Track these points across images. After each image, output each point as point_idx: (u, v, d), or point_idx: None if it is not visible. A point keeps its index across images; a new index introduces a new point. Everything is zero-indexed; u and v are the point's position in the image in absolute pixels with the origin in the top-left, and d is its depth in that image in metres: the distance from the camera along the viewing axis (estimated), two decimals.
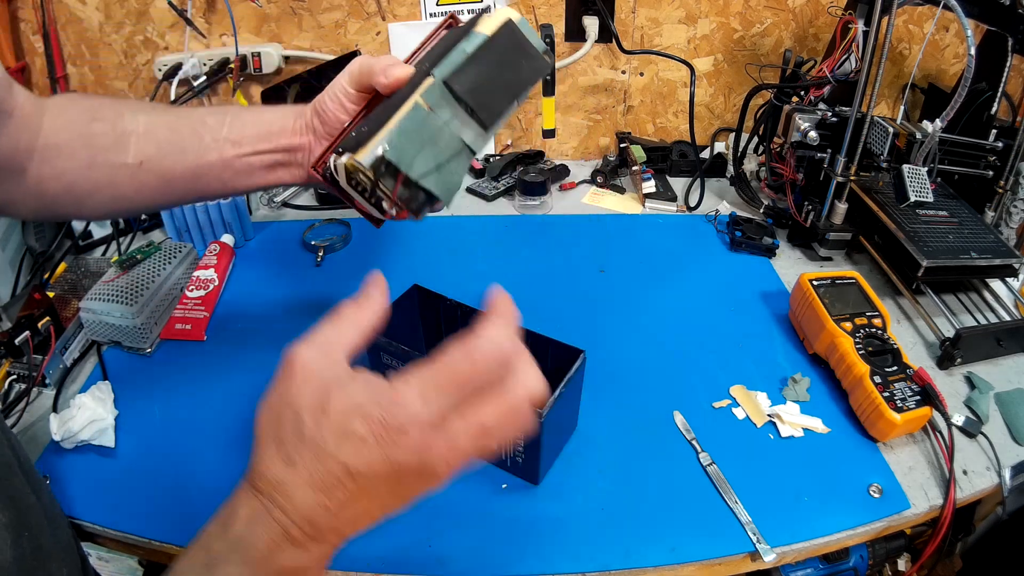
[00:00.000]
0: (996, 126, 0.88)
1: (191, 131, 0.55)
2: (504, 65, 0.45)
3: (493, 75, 0.45)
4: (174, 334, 0.80)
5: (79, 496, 0.61)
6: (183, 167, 0.55)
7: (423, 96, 0.42)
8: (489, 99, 0.44)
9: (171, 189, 0.56)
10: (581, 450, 0.66)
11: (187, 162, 0.55)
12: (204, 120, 0.56)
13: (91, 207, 0.55)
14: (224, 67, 1.10)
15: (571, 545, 0.58)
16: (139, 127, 0.54)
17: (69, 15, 1.08)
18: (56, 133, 0.52)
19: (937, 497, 0.62)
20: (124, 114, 0.54)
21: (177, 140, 0.55)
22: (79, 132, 0.53)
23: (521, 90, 0.47)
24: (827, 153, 0.91)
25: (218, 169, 0.56)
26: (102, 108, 0.54)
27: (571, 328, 0.68)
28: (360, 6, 1.09)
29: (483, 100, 0.44)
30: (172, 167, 0.55)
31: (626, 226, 1.03)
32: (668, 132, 1.23)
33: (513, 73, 0.46)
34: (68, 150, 0.52)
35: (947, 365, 0.76)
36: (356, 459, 0.32)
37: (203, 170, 0.55)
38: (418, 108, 0.42)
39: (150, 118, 0.55)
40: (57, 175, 0.52)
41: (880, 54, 0.81)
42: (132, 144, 0.53)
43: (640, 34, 1.12)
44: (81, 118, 0.53)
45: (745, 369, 0.76)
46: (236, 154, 0.55)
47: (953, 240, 0.83)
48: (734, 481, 0.63)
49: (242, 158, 0.56)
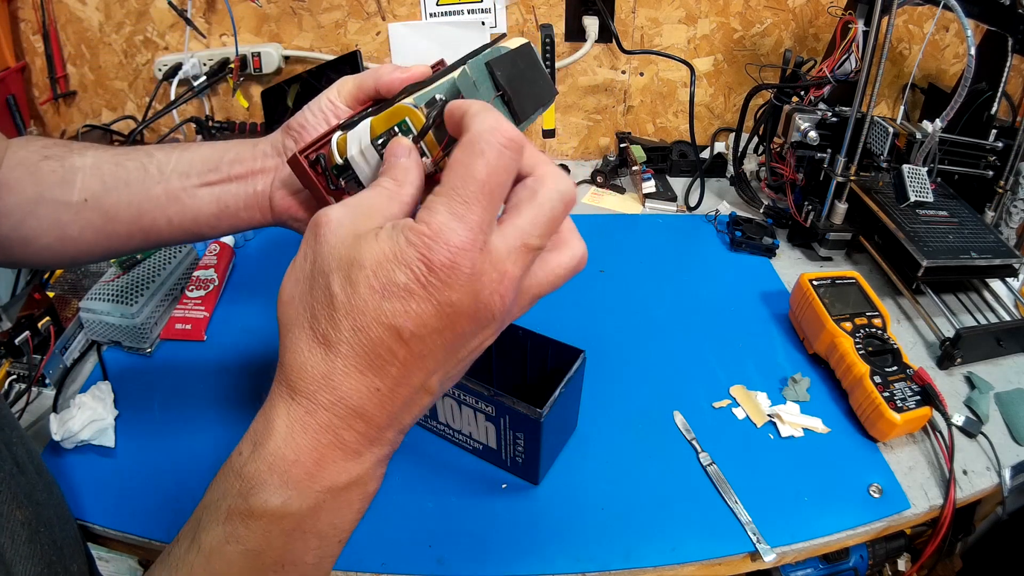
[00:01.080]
0: (996, 126, 0.88)
1: (137, 164, 0.51)
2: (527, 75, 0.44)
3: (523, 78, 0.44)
4: (174, 334, 0.80)
5: (79, 496, 0.61)
6: (127, 202, 0.50)
7: (470, 69, 0.40)
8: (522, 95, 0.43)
9: (114, 228, 0.51)
10: (581, 450, 0.66)
11: (131, 196, 0.50)
12: (152, 154, 0.52)
13: (37, 249, 0.52)
14: (224, 67, 1.10)
15: (571, 545, 0.58)
16: (86, 163, 0.51)
17: (69, 15, 1.08)
18: (10, 171, 0.50)
19: (937, 497, 0.62)
20: (73, 151, 0.52)
21: (122, 174, 0.51)
22: (29, 170, 0.50)
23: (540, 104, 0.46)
24: (827, 153, 0.91)
25: (163, 204, 0.50)
26: (54, 147, 0.52)
27: (571, 328, 0.68)
28: (360, 6, 1.09)
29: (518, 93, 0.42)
30: (115, 203, 0.50)
31: (626, 226, 1.03)
32: (668, 132, 1.22)
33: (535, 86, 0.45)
34: (18, 187, 0.50)
35: (947, 365, 0.76)
36: (405, 317, 0.27)
37: (148, 205, 0.50)
38: (465, 75, 0.39)
39: (98, 155, 0.52)
40: (6, 213, 0.50)
41: (880, 54, 0.81)
42: (78, 181, 0.50)
43: (640, 34, 1.12)
44: (32, 157, 0.51)
45: (745, 369, 0.76)
46: (183, 186, 0.50)
47: (953, 240, 0.83)
48: (734, 481, 0.63)
49: (190, 190, 0.50)
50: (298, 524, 0.29)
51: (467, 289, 0.28)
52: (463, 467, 0.65)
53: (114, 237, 0.52)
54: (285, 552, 0.29)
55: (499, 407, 0.59)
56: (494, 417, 0.60)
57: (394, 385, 0.29)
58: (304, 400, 0.29)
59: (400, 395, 0.29)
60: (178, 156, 0.51)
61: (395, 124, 0.37)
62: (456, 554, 0.57)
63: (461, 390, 0.60)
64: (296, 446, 0.28)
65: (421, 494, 0.62)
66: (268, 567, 0.30)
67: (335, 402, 0.28)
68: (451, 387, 0.34)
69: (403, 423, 0.31)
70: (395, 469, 0.64)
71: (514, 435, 0.60)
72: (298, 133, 0.49)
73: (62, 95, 1.14)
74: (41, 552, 0.43)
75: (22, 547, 0.41)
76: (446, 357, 0.30)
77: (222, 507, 0.30)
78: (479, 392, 0.59)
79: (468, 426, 0.63)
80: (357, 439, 0.29)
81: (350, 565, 0.55)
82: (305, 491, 0.29)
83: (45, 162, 0.51)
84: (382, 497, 0.61)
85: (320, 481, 0.29)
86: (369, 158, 0.39)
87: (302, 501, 0.29)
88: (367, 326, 0.28)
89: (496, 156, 0.29)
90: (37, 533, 0.43)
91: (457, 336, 0.29)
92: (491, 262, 0.28)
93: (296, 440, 0.28)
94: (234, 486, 0.29)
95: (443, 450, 0.66)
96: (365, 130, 0.39)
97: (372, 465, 0.30)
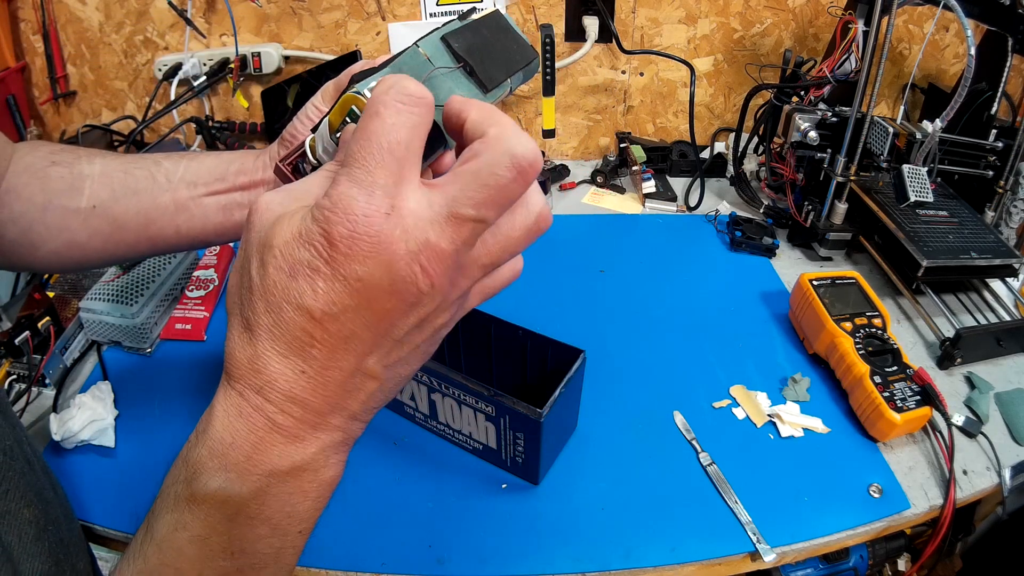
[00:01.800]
0: (996, 126, 0.88)
1: (146, 173, 0.52)
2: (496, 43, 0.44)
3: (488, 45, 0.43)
4: (174, 334, 0.80)
5: (79, 496, 0.61)
6: (135, 210, 0.52)
7: (421, 44, 0.39)
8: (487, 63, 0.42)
9: (122, 236, 0.52)
10: (581, 450, 0.66)
11: (140, 204, 0.52)
12: (160, 162, 0.53)
13: (44, 254, 0.53)
14: (224, 67, 1.10)
15: (571, 545, 0.58)
16: (95, 171, 0.52)
17: (69, 15, 1.08)
18: (17, 176, 0.51)
19: (937, 497, 0.62)
20: (81, 158, 0.52)
21: (131, 183, 0.52)
22: (37, 176, 0.51)
23: (514, 68, 0.45)
24: (827, 153, 0.91)
25: (171, 212, 0.52)
26: (62, 152, 0.53)
27: (571, 328, 0.68)
28: (360, 6, 1.09)
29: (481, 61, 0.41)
30: (124, 211, 0.52)
31: (626, 226, 1.03)
32: (668, 132, 1.23)
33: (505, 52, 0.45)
34: (26, 193, 0.50)
35: (947, 365, 0.76)
36: (313, 296, 0.26)
37: (155, 213, 0.52)
38: (415, 53, 0.38)
39: (106, 162, 0.53)
40: (14, 219, 0.50)
41: (880, 54, 0.81)
42: (87, 188, 0.51)
43: (640, 34, 1.12)
44: (40, 163, 0.52)
45: (745, 369, 0.76)
46: (190, 195, 0.52)
47: (953, 240, 0.83)
48: (734, 481, 0.63)
49: (197, 199, 0.52)
50: (240, 509, 0.29)
51: (375, 260, 0.26)
52: (463, 467, 0.65)
53: (121, 244, 0.53)
54: (231, 539, 0.29)
55: (499, 407, 0.59)
56: (494, 417, 0.60)
57: (321, 368, 0.28)
58: (237, 385, 0.28)
59: (332, 378, 0.28)
60: (186, 165, 0.52)
61: (346, 115, 0.36)
62: (456, 554, 0.57)
63: (461, 390, 0.60)
64: (233, 430, 0.28)
65: (421, 494, 0.62)
66: (216, 554, 0.29)
67: (263, 385, 0.28)
68: (412, 371, 0.32)
69: (350, 408, 0.29)
70: (395, 469, 0.64)
71: (514, 435, 0.60)
72: (289, 143, 0.51)
73: (62, 95, 1.14)
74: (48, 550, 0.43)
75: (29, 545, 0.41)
76: (376, 338, 0.28)
77: (170, 494, 0.30)
78: (479, 392, 0.59)
79: (468, 426, 0.63)
80: (294, 424, 0.28)
81: (350, 565, 0.55)
82: (244, 475, 0.28)
83: (53, 168, 0.51)
84: (382, 497, 0.61)
85: (259, 465, 0.28)
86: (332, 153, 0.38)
87: (242, 485, 0.28)
88: (280, 308, 0.27)
89: (393, 113, 0.26)
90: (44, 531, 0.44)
91: (379, 314, 0.27)
92: (404, 228, 0.26)
93: (233, 424, 0.28)
94: (181, 473, 0.29)
95: (443, 450, 0.66)
96: (324, 126, 0.38)
97: (318, 451, 0.29)
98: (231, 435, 0.28)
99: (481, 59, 0.41)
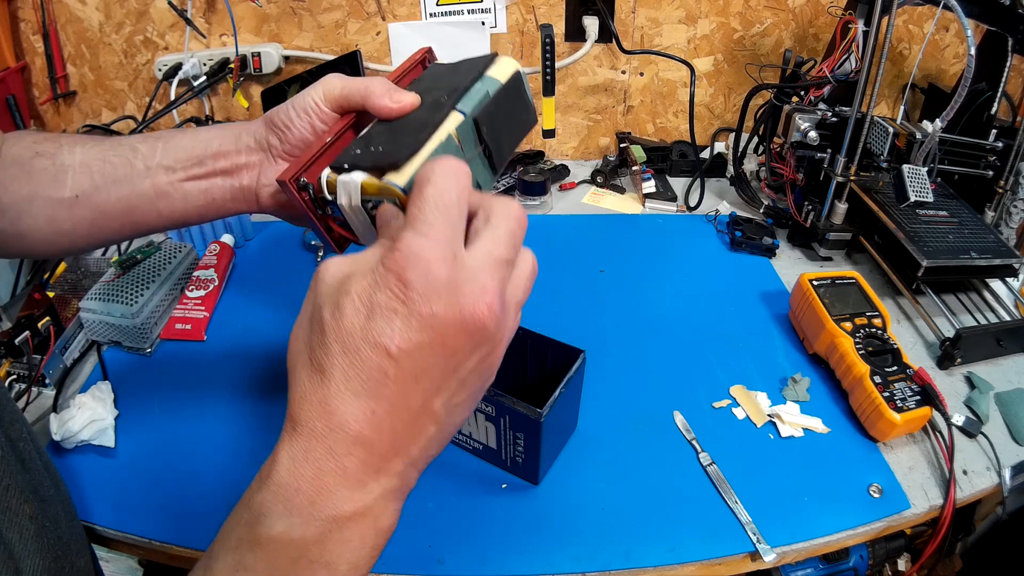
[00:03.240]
0: (996, 126, 0.88)
1: (123, 160, 0.52)
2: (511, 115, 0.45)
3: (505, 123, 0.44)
4: (174, 334, 0.80)
5: (79, 496, 0.61)
6: (116, 198, 0.52)
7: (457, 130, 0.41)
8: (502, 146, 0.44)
9: (107, 222, 0.53)
10: (581, 450, 0.66)
11: (120, 192, 0.52)
12: (136, 148, 0.52)
13: (32, 243, 0.53)
14: (224, 67, 1.10)
15: (571, 545, 0.58)
16: (76, 161, 0.52)
17: (69, 15, 1.08)
18: (4, 168, 0.51)
19: (937, 497, 0.62)
20: (63, 147, 0.53)
21: (109, 171, 0.52)
22: (23, 168, 0.52)
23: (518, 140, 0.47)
24: (827, 153, 0.91)
25: (151, 199, 0.52)
26: (45, 143, 0.53)
27: (571, 328, 0.68)
28: (360, 6, 1.09)
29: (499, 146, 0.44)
30: (106, 200, 0.52)
31: (626, 226, 1.03)
32: (668, 132, 1.23)
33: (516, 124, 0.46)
34: (13, 185, 0.51)
35: (947, 365, 0.76)
36: (391, 333, 0.28)
37: (136, 200, 0.52)
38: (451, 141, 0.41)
39: (85, 150, 0.53)
40: (3, 210, 0.51)
41: (880, 54, 0.81)
42: (69, 179, 0.52)
43: (640, 34, 1.12)
44: (26, 154, 0.52)
45: (745, 369, 0.76)
46: (169, 181, 0.51)
47: (953, 240, 0.83)
48: (734, 481, 0.63)
49: (176, 184, 0.52)
50: (303, 552, 0.29)
51: (448, 300, 0.29)
52: (463, 467, 0.65)
53: (107, 230, 0.54)
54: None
55: (499, 407, 0.59)
56: (494, 417, 0.60)
57: (390, 407, 0.29)
58: (304, 430, 0.29)
59: (399, 418, 0.30)
60: (162, 147, 0.52)
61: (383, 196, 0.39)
62: (456, 554, 0.57)
63: None
64: (298, 475, 0.29)
65: (421, 494, 0.62)
66: None
67: (333, 428, 0.29)
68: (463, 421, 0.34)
69: (410, 454, 0.31)
70: None
71: (514, 435, 0.60)
72: (282, 132, 0.50)
73: (62, 95, 1.14)
74: (48, 547, 0.43)
75: (30, 542, 0.42)
76: (443, 376, 0.30)
77: (231, 537, 0.30)
78: None
79: (468, 426, 0.63)
80: (359, 467, 0.29)
81: None
82: (308, 519, 0.29)
83: (37, 159, 0.52)
84: None
85: (323, 509, 0.29)
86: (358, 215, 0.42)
87: (306, 529, 0.29)
88: (356, 347, 0.29)
89: (442, 178, 0.31)
90: (44, 528, 0.44)
91: (450, 351, 0.30)
92: (467, 272, 0.29)
93: (298, 469, 0.29)
94: (243, 517, 0.30)
95: (443, 450, 0.66)
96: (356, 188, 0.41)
97: (379, 496, 0.30)
98: (296, 479, 0.29)
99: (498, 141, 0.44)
